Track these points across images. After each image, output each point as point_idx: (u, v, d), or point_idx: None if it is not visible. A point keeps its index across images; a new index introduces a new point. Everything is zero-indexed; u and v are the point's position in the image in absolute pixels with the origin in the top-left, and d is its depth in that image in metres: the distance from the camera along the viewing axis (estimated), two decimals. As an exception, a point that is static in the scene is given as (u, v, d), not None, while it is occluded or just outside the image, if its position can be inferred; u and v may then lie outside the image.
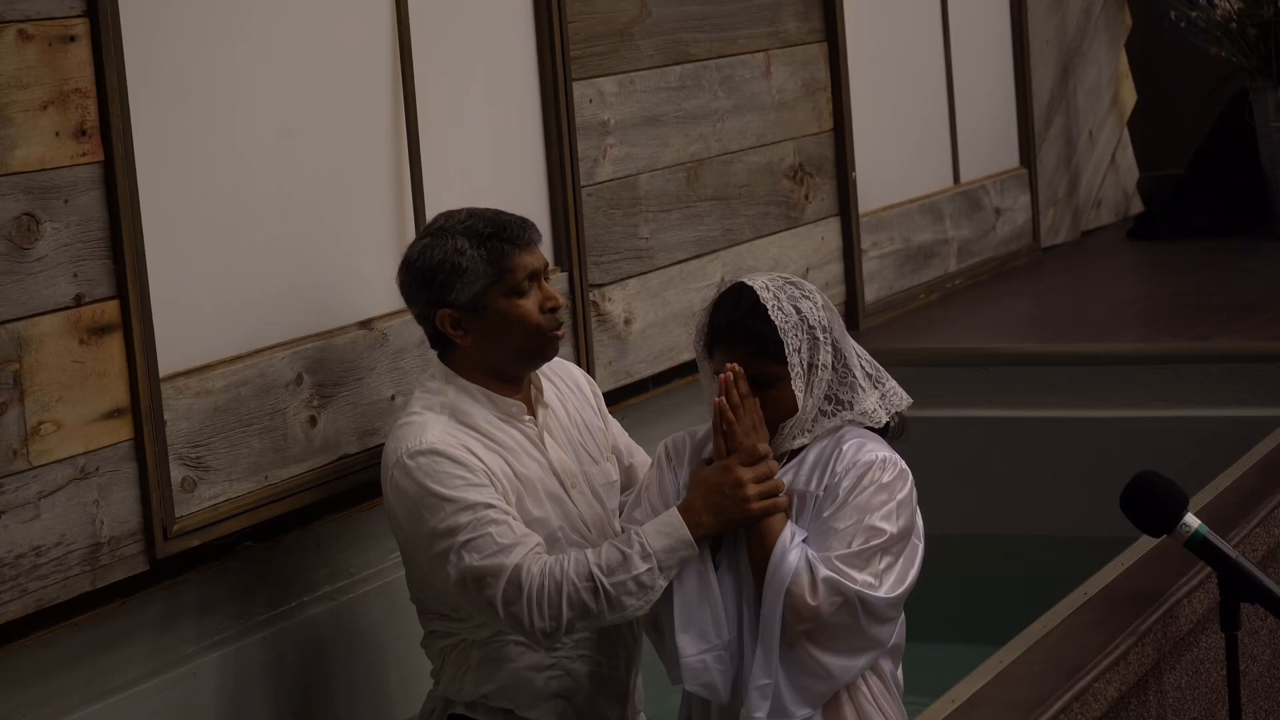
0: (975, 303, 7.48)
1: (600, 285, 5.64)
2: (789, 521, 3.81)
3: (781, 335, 3.84)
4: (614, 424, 4.45)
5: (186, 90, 4.37)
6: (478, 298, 4.12)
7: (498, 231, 4.16)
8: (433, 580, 4.06)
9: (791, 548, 3.75)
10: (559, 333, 4.20)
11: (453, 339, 4.16)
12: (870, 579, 3.72)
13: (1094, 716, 3.87)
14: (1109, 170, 9.07)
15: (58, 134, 3.99)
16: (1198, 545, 3.91)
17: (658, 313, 5.91)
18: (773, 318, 3.85)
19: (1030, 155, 8.31)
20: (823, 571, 3.70)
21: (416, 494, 3.98)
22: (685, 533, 3.86)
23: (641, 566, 3.86)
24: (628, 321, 5.75)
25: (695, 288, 6.12)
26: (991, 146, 8.11)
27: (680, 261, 6.05)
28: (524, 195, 5.43)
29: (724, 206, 6.27)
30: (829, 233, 6.84)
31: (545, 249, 5.47)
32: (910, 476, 3.85)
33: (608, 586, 3.87)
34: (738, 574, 3.87)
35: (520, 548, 3.94)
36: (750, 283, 3.90)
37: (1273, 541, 4.83)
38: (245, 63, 4.53)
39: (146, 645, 4.29)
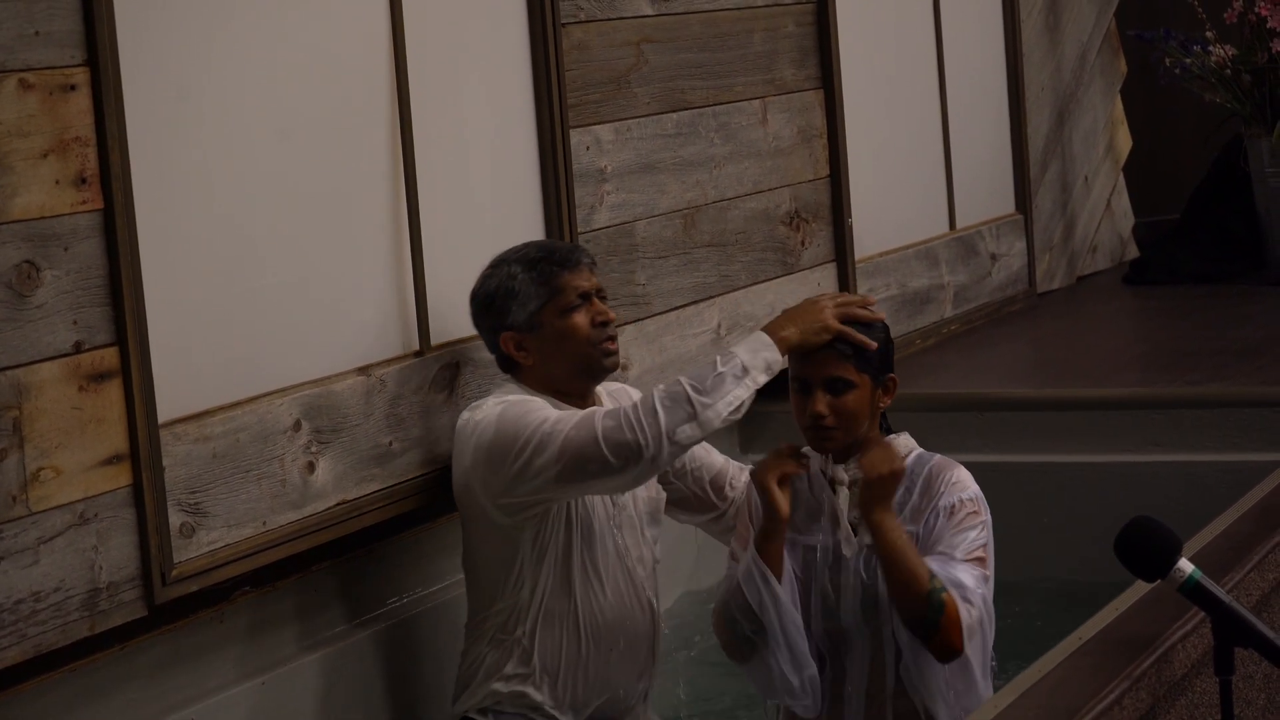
0: (971, 348, 7.49)
1: (597, 331, 5.65)
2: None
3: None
4: (714, 454, 4.74)
5: (186, 138, 4.39)
6: (533, 317, 4.55)
7: (547, 255, 4.61)
8: (532, 485, 4.34)
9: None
10: (612, 345, 4.57)
11: (517, 360, 4.57)
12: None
13: (1089, 761, 3.87)
14: (1104, 216, 9.09)
15: (58, 182, 4.02)
16: (1191, 590, 3.91)
17: (654, 358, 5.93)
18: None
19: (1026, 201, 8.33)
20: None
21: (514, 414, 4.36)
22: (763, 334, 4.18)
23: (724, 366, 4.21)
24: (625, 368, 5.77)
25: (692, 334, 6.14)
26: (987, 192, 8.13)
27: (677, 308, 6.07)
28: (522, 241, 5.44)
29: (720, 253, 6.30)
30: (825, 279, 6.86)
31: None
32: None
33: (697, 385, 4.21)
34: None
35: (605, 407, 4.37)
36: None
37: (1267, 586, 4.83)
38: (246, 112, 4.56)
39: (145, 691, 4.30)
